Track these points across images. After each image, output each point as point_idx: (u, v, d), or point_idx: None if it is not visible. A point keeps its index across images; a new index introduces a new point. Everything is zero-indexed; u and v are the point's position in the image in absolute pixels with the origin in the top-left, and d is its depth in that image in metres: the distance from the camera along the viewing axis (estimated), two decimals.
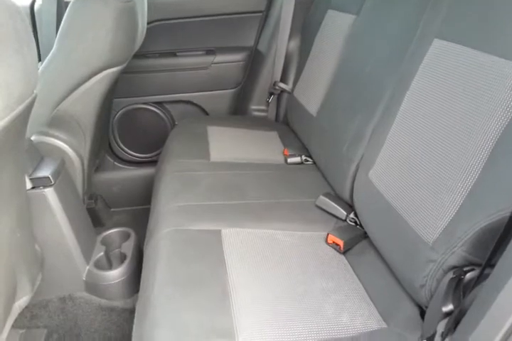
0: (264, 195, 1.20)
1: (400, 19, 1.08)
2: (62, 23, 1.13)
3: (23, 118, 0.67)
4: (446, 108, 0.80)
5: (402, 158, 0.90)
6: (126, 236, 1.26)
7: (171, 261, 0.91)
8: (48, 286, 1.04)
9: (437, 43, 0.88)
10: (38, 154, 1.05)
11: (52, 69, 1.14)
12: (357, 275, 0.94)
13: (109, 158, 1.79)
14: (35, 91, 0.68)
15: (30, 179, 0.99)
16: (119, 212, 1.78)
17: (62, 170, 1.06)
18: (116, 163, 1.81)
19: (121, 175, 1.82)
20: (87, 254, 1.11)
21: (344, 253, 1.01)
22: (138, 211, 1.74)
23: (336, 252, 1.01)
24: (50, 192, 1.01)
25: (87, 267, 1.11)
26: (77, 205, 1.14)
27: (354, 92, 1.19)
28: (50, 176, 1.00)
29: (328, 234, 1.03)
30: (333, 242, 1.02)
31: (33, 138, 1.15)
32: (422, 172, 0.83)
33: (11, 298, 0.81)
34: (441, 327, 0.63)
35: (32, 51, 0.65)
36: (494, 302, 0.52)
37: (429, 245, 0.76)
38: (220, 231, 1.01)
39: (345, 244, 1.01)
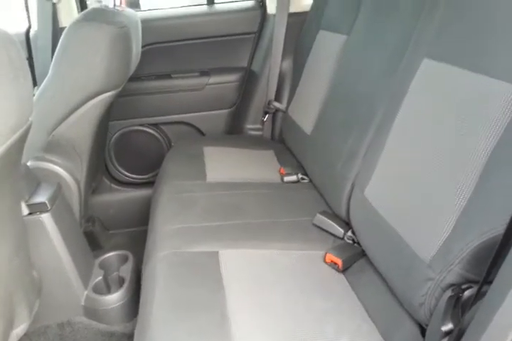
0: (261, 214, 1.20)
1: (390, 39, 1.11)
2: (57, 48, 1.15)
3: (18, 147, 0.68)
4: (437, 126, 0.82)
5: (397, 176, 0.91)
6: (124, 259, 1.26)
7: (168, 285, 0.91)
8: (46, 312, 1.04)
9: (426, 63, 0.90)
10: (35, 180, 1.05)
11: (47, 95, 1.16)
12: (356, 294, 0.93)
13: (106, 180, 1.80)
14: (30, 119, 0.69)
15: (27, 205, 0.99)
16: (117, 234, 1.78)
17: (58, 195, 1.06)
18: (113, 184, 1.82)
19: (119, 197, 1.82)
20: (85, 279, 1.11)
21: (343, 271, 1.01)
22: (136, 233, 1.73)
23: (334, 271, 1.01)
24: (46, 218, 1.01)
25: (86, 292, 1.10)
26: (74, 230, 1.14)
27: (347, 111, 1.20)
28: (46, 202, 1.00)
29: (326, 253, 1.03)
30: (332, 261, 1.02)
31: (29, 163, 1.16)
32: (417, 190, 0.83)
33: (9, 326, 0.81)
34: None
35: (27, 80, 0.66)
36: (492, 321, 0.52)
37: (426, 263, 0.76)
38: (217, 252, 1.01)
39: (343, 262, 1.00)
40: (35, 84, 1.57)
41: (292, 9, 1.71)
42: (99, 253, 1.30)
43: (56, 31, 1.55)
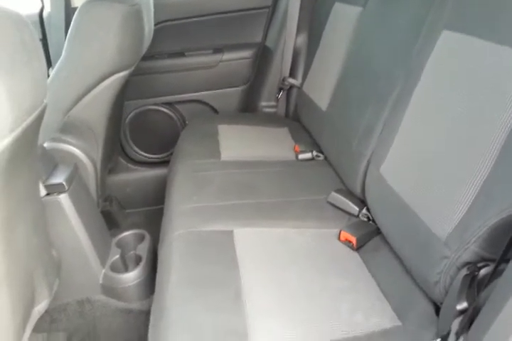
0: (275, 193, 1.19)
1: (407, 11, 1.06)
2: (70, 28, 1.14)
3: (34, 128, 0.68)
4: (457, 101, 0.79)
5: (414, 152, 0.89)
6: (141, 238, 1.28)
7: (184, 263, 0.92)
8: (66, 290, 1.06)
9: (446, 35, 0.86)
10: (52, 161, 1.06)
11: (62, 76, 1.16)
12: (371, 273, 0.93)
13: (122, 159, 1.81)
14: (45, 101, 0.69)
15: (45, 186, 1.00)
16: (133, 213, 1.80)
17: (75, 176, 1.07)
18: (129, 164, 1.83)
19: (135, 177, 1.84)
20: (103, 258, 1.13)
21: (357, 250, 1.01)
22: (152, 211, 1.75)
23: (349, 249, 1.01)
24: (64, 198, 1.02)
25: (103, 270, 1.12)
26: (91, 210, 1.16)
27: (363, 86, 1.17)
28: (64, 182, 1.01)
29: (340, 231, 1.03)
30: (346, 239, 1.02)
31: (45, 144, 1.17)
32: (434, 167, 0.81)
33: (30, 303, 0.83)
34: (455, 325, 0.62)
35: (41, 62, 0.66)
36: (509, 300, 0.51)
37: (442, 241, 0.75)
38: (232, 231, 1.01)
39: (358, 240, 1.00)
40: (49, 65, 1.57)
41: None
42: (117, 232, 1.32)
43: (69, 11, 1.54)
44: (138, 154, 1.87)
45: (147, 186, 1.83)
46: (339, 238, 1.03)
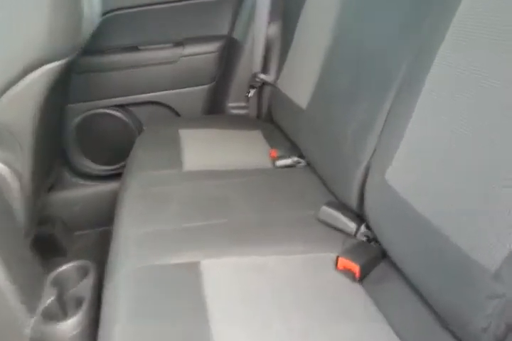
0: (252, 209, 0.97)
1: None
2: None
3: None
4: (492, 80, 0.58)
5: (434, 152, 0.67)
6: (84, 272, 1.01)
7: (133, 313, 0.68)
8: None
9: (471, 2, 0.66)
10: None
11: None
12: (382, 312, 0.71)
13: (67, 173, 1.54)
14: None
15: None
16: (83, 235, 1.53)
17: None
18: (76, 178, 1.56)
19: (84, 193, 1.57)
20: (31, 302, 0.87)
21: (360, 280, 0.79)
22: (106, 233, 1.50)
23: (349, 281, 0.78)
24: None
25: (33, 319, 0.86)
26: (14, 241, 0.90)
27: (355, 76, 0.96)
28: None
29: (337, 258, 0.80)
30: (345, 268, 0.80)
31: None
32: (464, 171, 0.60)
33: None
34: None
35: None
36: None
37: (490, 273, 0.54)
38: (198, 263, 0.78)
39: (361, 269, 0.78)
40: None
41: None
42: (62, 260, 1.06)
43: None
44: (86, 166, 1.59)
45: (99, 203, 1.57)
46: (336, 266, 0.81)
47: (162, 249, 0.82)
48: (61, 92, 1.17)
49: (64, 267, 1.00)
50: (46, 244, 1.20)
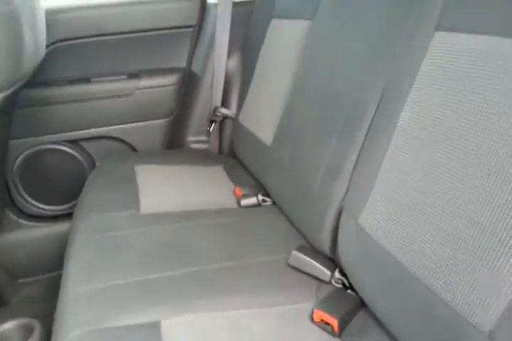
0: (218, 256, 0.89)
1: (373, 16, 0.84)
2: None
3: None
4: (473, 114, 0.55)
5: (411, 196, 0.63)
6: (29, 331, 0.89)
7: None
8: None
9: (441, 36, 0.64)
10: None
11: None
12: None
13: (10, 214, 1.40)
14: None
15: None
16: (29, 283, 1.39)
17: None
18: (21, 219, 1.42)
19: (30, 235, 1.43)
20: None
21: (339, 334, 0.72)
22: (55, 280, 1.36)
23: (327, 335, 0.71)
24: None
25: None
26: None
27: (321, 113, 0.92)
28: None
29: (313, 310, 0.73)
30: (322, 321, 0.73)
31: None
32: (448, 217, 0.56)
33: None
34: None
35: None
36: None
37: (484, 333, 0.48)
38: (159, 324, 0.68)
39: (340, 322, 0.71)
40: None
41: None
42: (4, 311, 0.93)
43: None
44: (33, 206, 1.46)
45: (47, 247, 1.43)
46: (312, 318, 0.74)
47: (116, 308, 0.72)
48: (2, 127, 1.07)
49: (6, 326, 0.87)
50: None
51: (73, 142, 1.46)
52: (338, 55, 0.91)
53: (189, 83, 1.53)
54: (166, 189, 1.18)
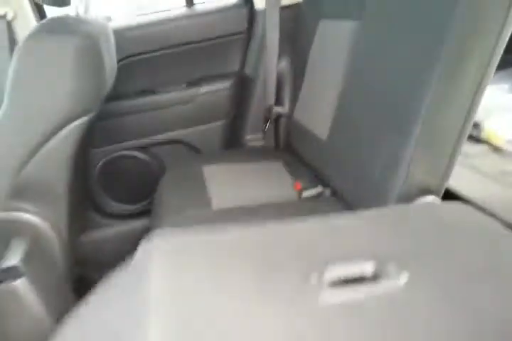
0: None
1: (424, 15, 0.89)
2: (11, 70, 0.93)
3: None
4: None
5: None
6: None
7: None
8: None
9: None
10: (3, 237, 0.83)
11: (5, 130, 0.94)
12: None
13: (94, 215, 1.57)
14: None
15: None
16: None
17: (33, 253, 0.84)
18: (104, 219, 1.59)
19: (112, 232, 1.60)
20: None
21: None
22: None
23: None
24: (22, 284, 0.79)
25: None
26: (59, 290, 0.93)
27: (377, 108, 0.99)
28: (19, 265, 0.78)
29: None
30: None
31: None
32: None
33: None
34: None
35: None
36: None
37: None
38: None
39: None
40: None
41: (284, 2, 1.49)
42: None
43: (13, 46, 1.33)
44: (113, 206, 1.63)
45: (127, 241, 1.59)
46: None
47: None
48: (87, 142, 1.21)
49: None
50: (81, 285, 1.23)
51: (143, 148, 1.62)
52: (388, 54, 0.97)
53: (243, 85, 1.63)
54: (232, 186, 1.29)
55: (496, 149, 1.23)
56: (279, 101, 1.59)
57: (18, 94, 0.94)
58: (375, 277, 0.52)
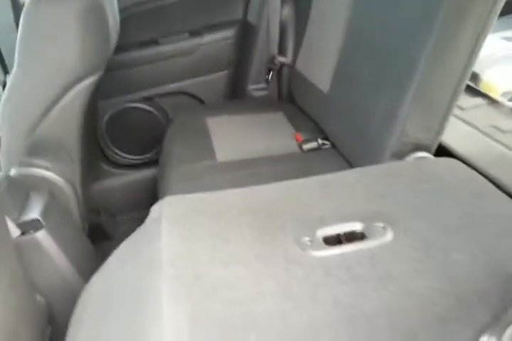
0: None
1: None
2: (19, 33, 0.94)
3: None
4: None
5: None
6: None
7: None
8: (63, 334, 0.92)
9: None
10: (22, 191, 0.89)
11: (18, 92, 0.97)
12: None
13: (104, 165, 1.63)
14: None
15: (17, 224, 0.84)
16: (125, 220, 1.64)
17: (52, 206, 0.91)
18: (112, 169, 1.65)
19: (121, 181, 1.66)
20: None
21: None
22: (145, 215, 1.60)
23: None
24: (43, 235, 0.86)
25: None
26: (76, 240, 1.00)
27: (376, 62, 1.00)
28: (39, 218, 0.85)
29: None
30: None
31: (12, 172, 0.99)
32: None
33: None
34: None
35: None
36: None
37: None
38: None
39: None
40: (5, 70, 1.38)
41: None
42: (110, 244, 1.17)
43: (18, 9, 1.32)
44: (121, 157, 1.68)
45: (136, 189, 1.67)
46: None
47: None
48: (95, 97, 1.24)
49: None
50: (94, 231, 1.32)
51: (149, 99, 1.63)
52: (390, 7, 0.97)
53: (246, 34, 1.61)
54: (235, 138, 1.33)
55: (492, 102, 1.24)
56: (282, 50, 1.57)
57: (27, 58, 0.96)
58: (363, 236, 0.59)
